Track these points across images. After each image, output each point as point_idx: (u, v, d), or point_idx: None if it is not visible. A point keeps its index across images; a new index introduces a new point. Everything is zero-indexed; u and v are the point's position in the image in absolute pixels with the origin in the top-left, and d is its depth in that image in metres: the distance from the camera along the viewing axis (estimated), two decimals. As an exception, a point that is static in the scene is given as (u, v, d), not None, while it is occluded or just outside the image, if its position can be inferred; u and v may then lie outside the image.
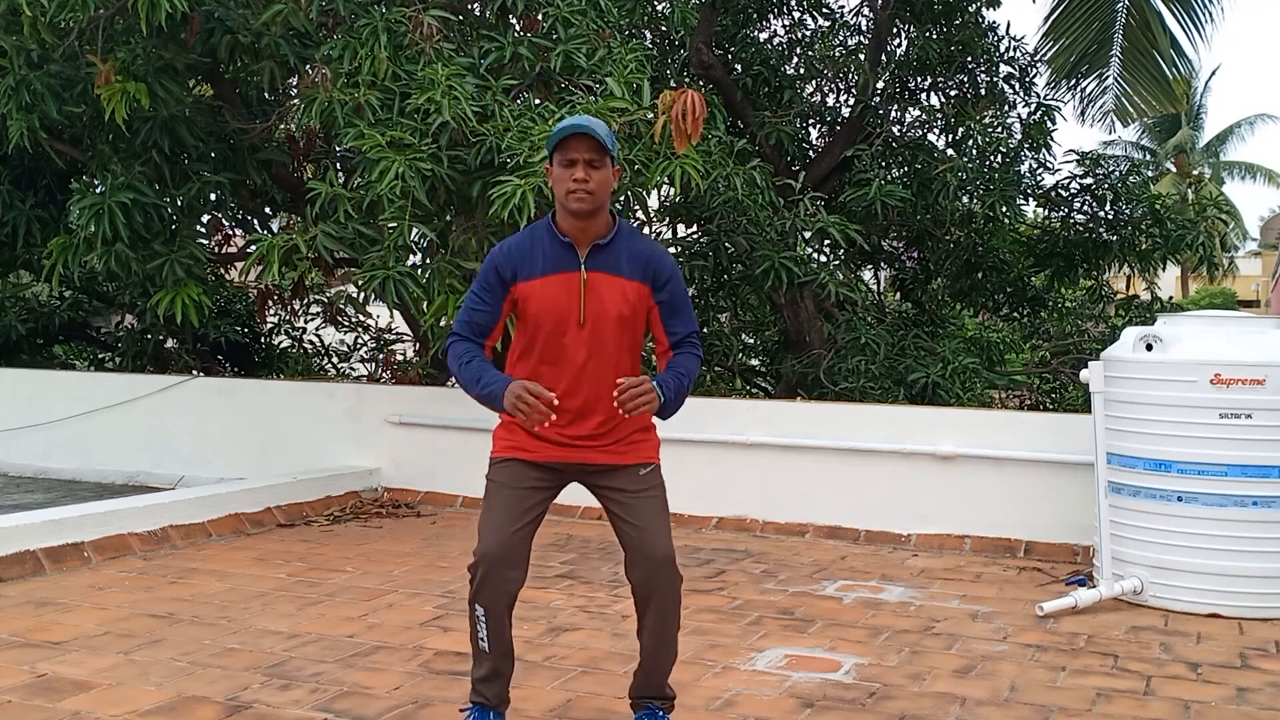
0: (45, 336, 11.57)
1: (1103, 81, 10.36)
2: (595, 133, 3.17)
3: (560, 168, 3.21)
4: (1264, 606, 5.05)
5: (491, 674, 3.40)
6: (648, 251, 3.34)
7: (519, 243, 3.34)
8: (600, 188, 3.20)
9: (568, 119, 3.25)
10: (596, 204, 3.22)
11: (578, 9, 6.68)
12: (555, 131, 3.22)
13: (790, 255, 8.11)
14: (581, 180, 3.17)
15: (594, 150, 3.18)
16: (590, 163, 3.18)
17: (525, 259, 3.29)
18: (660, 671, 3.46)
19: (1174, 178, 36.91)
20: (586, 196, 3.19)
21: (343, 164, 8.08)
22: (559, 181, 3.22)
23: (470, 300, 3.35)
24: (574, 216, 3.24)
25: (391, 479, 7.89)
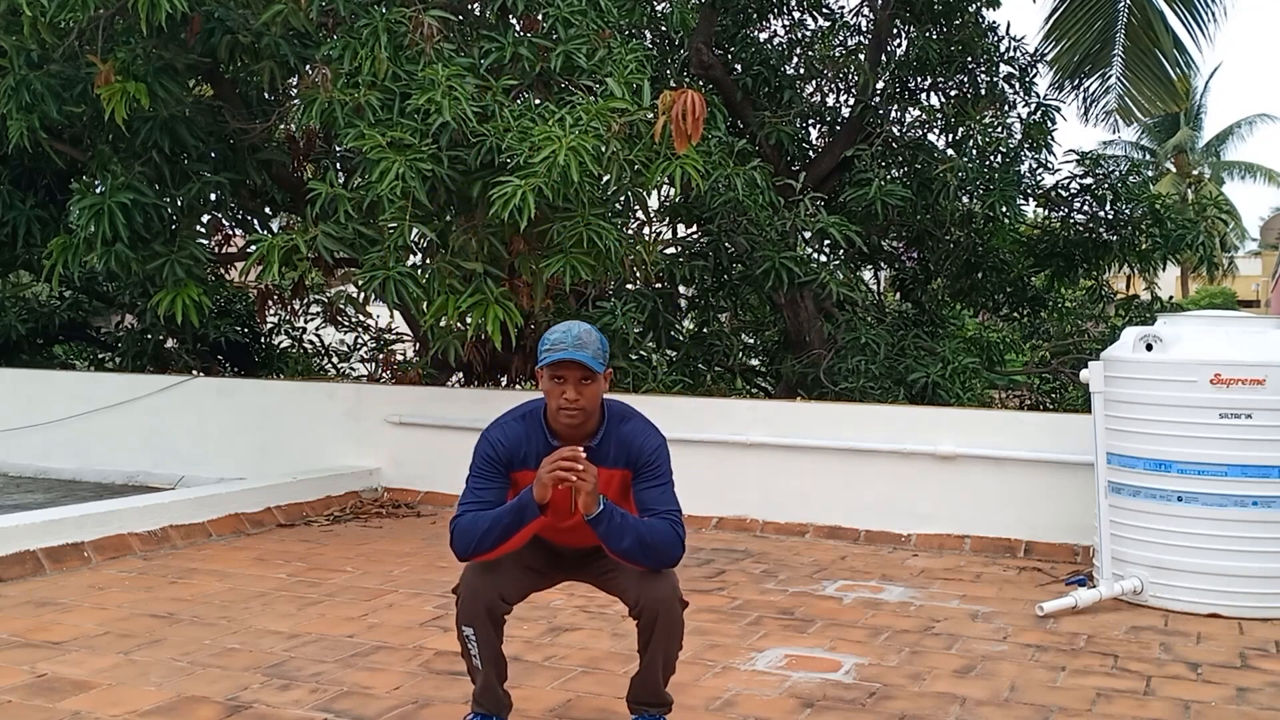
0: (45, 336, 11.57)
1: (1105, 81, 10.36)
2: (585, 362, 3.19)
3: (550, 382, 3.25)
4: (1264, 606, 5.05)
5: (487, 686, 3.43)
6: (629, 437, 3.35)
7: (513, 433, 3.36)
8: (590, 402, 3.26)
9: (558, 338, 3.23)
10: (586, 418, 3.27)
11: (578, 9, 6.68)
12: (545, 351, 3.23)
13: (790, 255, 8.11)
14: (572, 400, 3.23)
15: (584, 370, 3.22)
16: (582, 380, 3.22)
17: (519, 451, 3.34)
18: (656, 681, 3.46)
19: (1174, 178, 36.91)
20: (577, 414, 3.25)
21: (343, 164, 8.09)
22: (550, 394, 3.27)
23: (472, 485, 3.35)
24: (564, 428, 3.29)
25: (391, 479, 7.89)
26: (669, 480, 3.36)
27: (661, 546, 3.23)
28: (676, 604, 3.32)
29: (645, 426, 3.41)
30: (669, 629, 3.33)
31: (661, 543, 3.22)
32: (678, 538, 3.26)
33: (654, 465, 3.34)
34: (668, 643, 3.36)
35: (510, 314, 6.44)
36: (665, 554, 3.24)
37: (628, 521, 3.21)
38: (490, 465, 3.34)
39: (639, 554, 3.21)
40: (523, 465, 3.33)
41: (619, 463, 3.34)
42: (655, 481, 3.33)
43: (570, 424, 3.26)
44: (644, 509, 3.30)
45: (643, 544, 3.20)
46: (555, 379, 3.24)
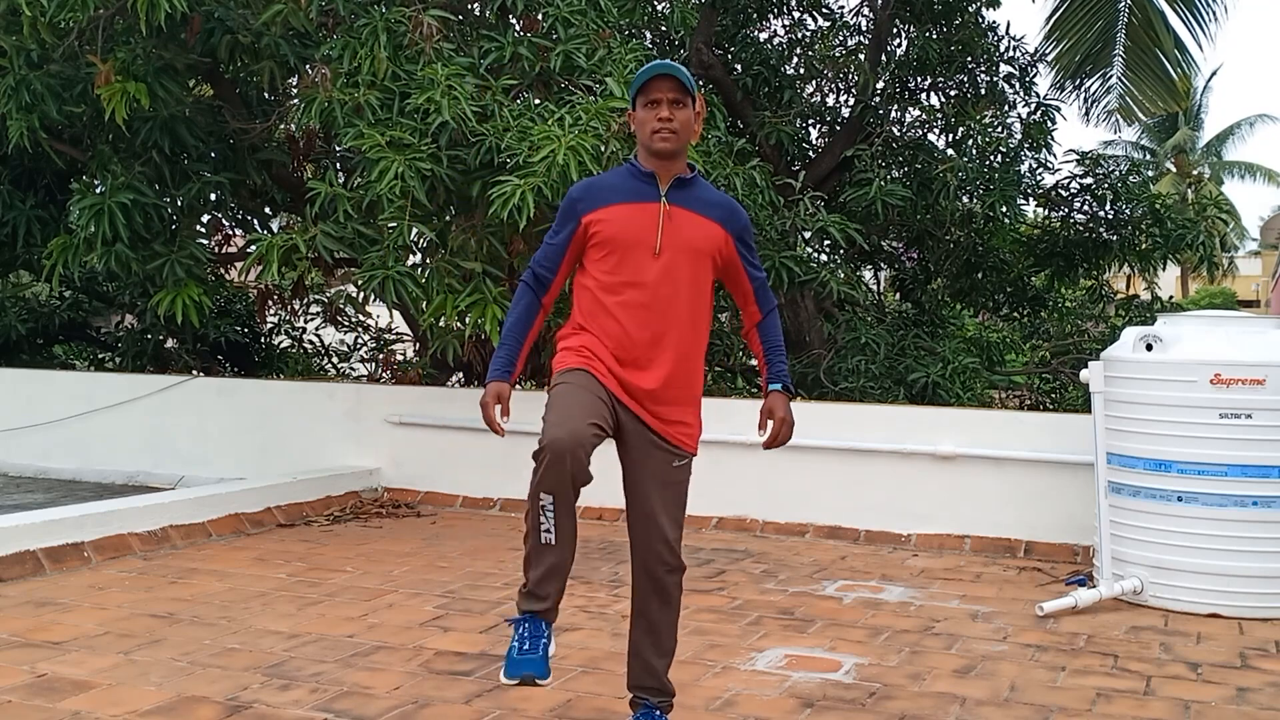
0: (45, 336, 11.56)
1: (1106, 81, 10.36)
2: (679, 73, 3.22)
3: (644, 109, 3.24)
4: (1264, 606, 5.05)
5: (551, 571, 3.12)
6: (727, 200, 3.39)
7: (599, 177, 3.44)
8: (684, 127, 3.23)
9: (651, 65, 3.26)
10: (680, 143, 3.25)
11: (578, 9, 6.68)
12: (639, 75, 3.25)
13: (791, 255, 8.11)
14: (666, 119, 3.21)
15: (678, 90, 3.22)
16: (674, 102, 3.22)
17: (603, 190, 3.31)
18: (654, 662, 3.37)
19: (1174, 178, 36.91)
20: (671, 135, 3.22)
21: (342, 164, 8.08)
22: (643, 123, 3.25)
23: (549, 233, 3.36)
24: (657, 157, 3.26)
25: (391, 479, 7.88)
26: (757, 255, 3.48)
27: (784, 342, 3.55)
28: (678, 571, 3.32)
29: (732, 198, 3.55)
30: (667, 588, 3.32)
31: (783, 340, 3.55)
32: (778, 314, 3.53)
33: (750, 238, 3.41)
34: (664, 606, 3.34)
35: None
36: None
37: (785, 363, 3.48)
38: (561, 216, 3.32)
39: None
40: (604, 203, 3.26)
41: (716, 215, 3.31)
42: (756, 260, 3.43)
43: (665, 148, 3.21)
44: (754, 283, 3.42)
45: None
46: (649, 104, 3.22)
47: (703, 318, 3.34)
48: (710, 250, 3.30)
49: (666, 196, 3.25)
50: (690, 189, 3.30)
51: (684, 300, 3.26)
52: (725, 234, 3.32)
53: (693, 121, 3.27)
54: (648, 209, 3.24)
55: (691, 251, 3.26)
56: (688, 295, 3.26)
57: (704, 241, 3.28)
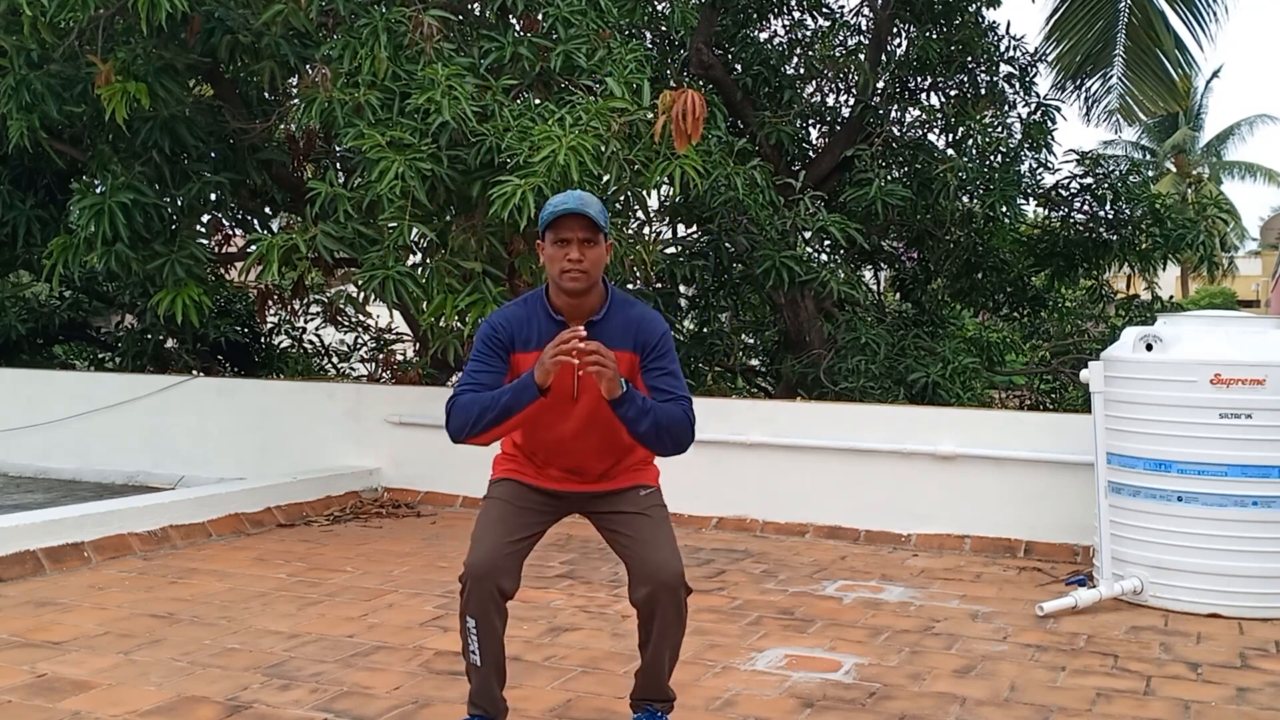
0: (45, 336, 11.57)
1: (1106, 81, 10.36)
2: (589, 212, 3.16)
3: (553, 246, 3.20)
4: (1264, 606, 5.05)
5: (484, 686, 3.35)
6: (637, 319, 3.31)
7: (515, 313, 3.34)
8: (594, 266, 3.21)
9: (559, 197, 3.21)
10: (590, 282, 3.22)
11: (578, 9, 6.68)
12: (547, 211, 3.20)
13: (791, 254, 8.12)
14: (576, 260, 3.17)
15: (588, 229, 3.18)
16: (584, 241, 3.18)
17: (522, 330, 3.29)
18: (661, 677, 3.45)
19: (1174, 178, 36.90)
20: (580, 276, 3.19)
21: (343, 164, 8.08)
22: (552, 260, 3.21)
23: (470, 368, 3.30)
24: (568, 295, 3.24)
25: (391, 479, 7.88)
26: (678, 367, 3.35)
27: (676, 431, 3.23)
28: (682, 591, 3.30)
29: (652, 312, 3.39)
30: (671, 621, 3.30)
31: (677, 428, 3.23)
32: (689, 424, 3.27)
33: (664, 351, 3.30)
34: (672, 634, 3.34)
35: (510, 314, 6.42)
36: (680, 439, 3.24)
37: (647, 404, 3.19)
38: (489, 346, 3.28)
39: (655, 438, 3.20)
40: (525, 346, 3.26)
41: (625, 344, 3.26)
42: (666, 369, 3.29)
43: (574, 288, 3.20)
44: (656, 394, 3.26)
45: (659, 427, 3.18)
46: (558, 242, 3.19)
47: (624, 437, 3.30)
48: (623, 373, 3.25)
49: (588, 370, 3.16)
50: (603, 324, 3.25)
51: (603, 433, 3.31)
52: (633, 357, 3.29)
53: (604, 258, 3.24)
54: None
55: None
56: (607, 428, 3.28)
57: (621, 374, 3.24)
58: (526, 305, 3.34)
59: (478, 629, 3.26)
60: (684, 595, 3.32)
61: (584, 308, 3.27)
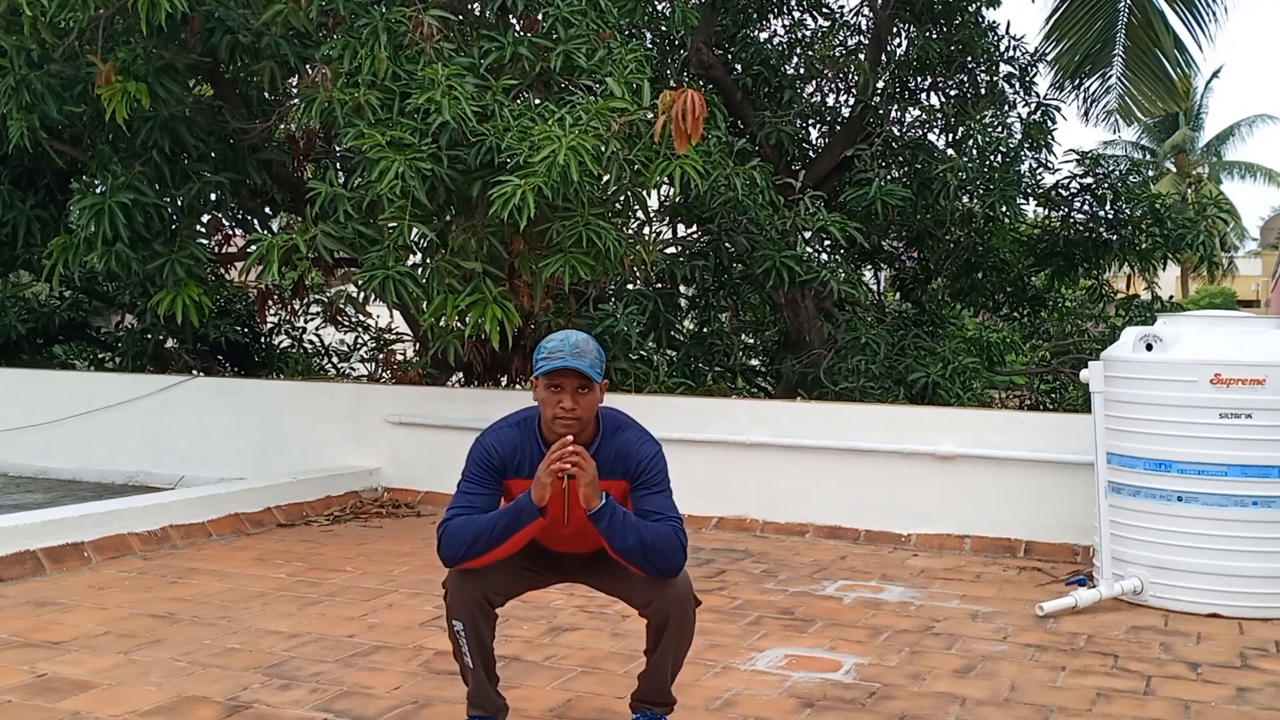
0: (45, 336, 11.56)
1: (1106, 81, 10.36)
2: (583, 370, 3.16)
3: (546, 390, 3.21)
4: (1264, 606, 5.05)
5: (480, 686, 3.38)
6: (627, 446, 3.31)
7: (509, 438, 3.33)
8: (587, 412, 3.22)
9: (555, 346, 3.19)
10: (582, 428, 3.23)
11: (578, 9, 6.68)
12: (541, 358, 3.20)
13: (791, 254, 8.11)
14: (569, 409, 3.19)
15: (582, 379, 3.19)
16: (578, 389, 3.19)
17: (514, 456, 3.30)
18: (665, 682, 3.44)
19: (1174, 178, 36.90)
20: (573, 423, 3.20)
21: (343, 164, 8.08)
22: (545, 403, 3.23)
23: (464, 489, 3.30)
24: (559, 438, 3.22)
25: (391, 479, 7.88)
26: (668, 488, 3.32)
27: (664, 551, 3.17)
28: (690, 603, 3.31)
29: (641, 435, 3.37)
30: (681, 629, 3.32)
31: (664, 547, 3.17)
32: (680, 544, 3.21)
33: (652, 473, 3.29)
34: (679, 642, 3.35)
35: (509, 314, 6.43)
36: (668, 559, 3.19)
37: (630, 519, 3.17)
38: (483, 470, 3.30)
39: (640, 556, 3.16)
40: (516, 473, 3.29)
41: (615, 473, 3.28)
42: (654, 489, 3.29)
43: (565, 433, 3.20)
44: (646, 516, 3.24)
45: (644, 545, 3.15)
46: (552, 388, 3.20)
47: None
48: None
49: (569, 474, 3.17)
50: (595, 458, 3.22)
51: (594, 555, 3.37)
52: (623, 485, 3.31)
53: (597, 402, 3.25)
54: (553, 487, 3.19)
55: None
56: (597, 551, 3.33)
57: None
58: (520, 431, 3.34)
59: (465, 632, 3.28)
60: (693, 607, 3.33)
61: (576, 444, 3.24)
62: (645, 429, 3.42)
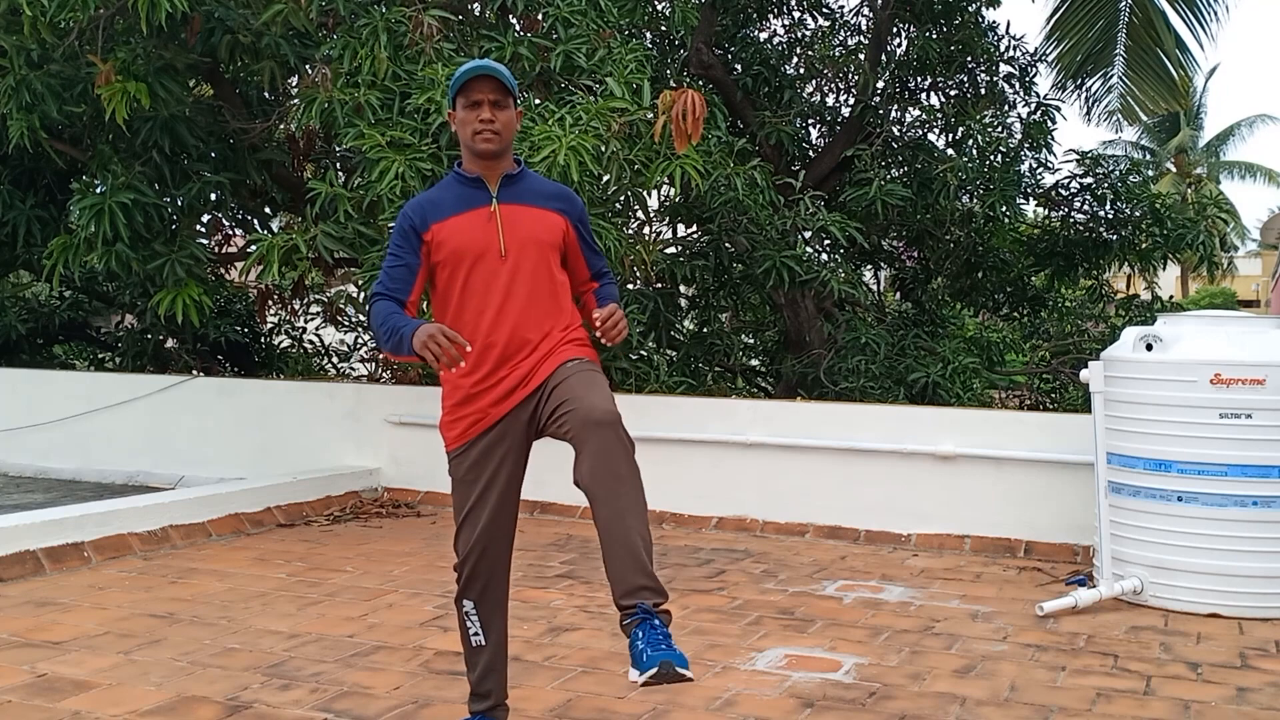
0: (45, 336, 11.58)
1: (1107, 81, 10.36)
2: (499, 73, 3.19)
3: (464, 110, 3.20)
4: (1264, 606, 5.04)
5: (487, 669, 3.34)
6: (556, 187, 3.39)
7: (426, 194, 3.34)
8: (505, 127, 3.21)
9: (469, 63, 3.20)
10: (503, 144, 3.22)
11: (578, 9, 6.68)
12: (457, 75, 3.20)
13: (791, 254, 8.11)
14: (488, 120, 3.17)
15: (498, 91, 3.18)
16: (495, 103, 3.18)
17: (434, 205, 3.25)
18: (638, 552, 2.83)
19: (1174, 177, 36.90)
20: (493, 136, 3.18)
21: (343, 164, 8.09)
22: (464, 124, 3.20)
23: (386, 260, 3.29)
24: (480, 158, 3.22)
25: (391, 479, 7.89)
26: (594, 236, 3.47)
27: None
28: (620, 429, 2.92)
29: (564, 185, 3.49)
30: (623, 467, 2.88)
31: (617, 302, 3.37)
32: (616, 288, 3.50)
33: (586, 221, 3.41)
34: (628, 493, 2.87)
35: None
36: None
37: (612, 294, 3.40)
38: (400, 235, 3.25)
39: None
40: (439, 216, 3.21)
41: (550, 205, 3.28)
42: (591, 239, 3.41)
43: (487, 149, 3.18)
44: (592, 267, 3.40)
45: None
46: (469, 105, 3.17)
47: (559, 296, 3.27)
48: (554, 241, 3.28)
49: (498, 196, 3.22)
50: (521, 182, 3.27)
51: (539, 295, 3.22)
52: (565, 222, 3.31)
53: (514, 121, 3.25)
54: (481, 214, 3.21)
55: (536, 244, 3.23)
56: (542, 288, 3.23)
57: (546, 233, 3.25)
58: (439, 185, 3.35)
59: (477, 609, 3.27)
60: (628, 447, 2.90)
61: (498, 169, 3.25)
62: None
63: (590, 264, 3.40)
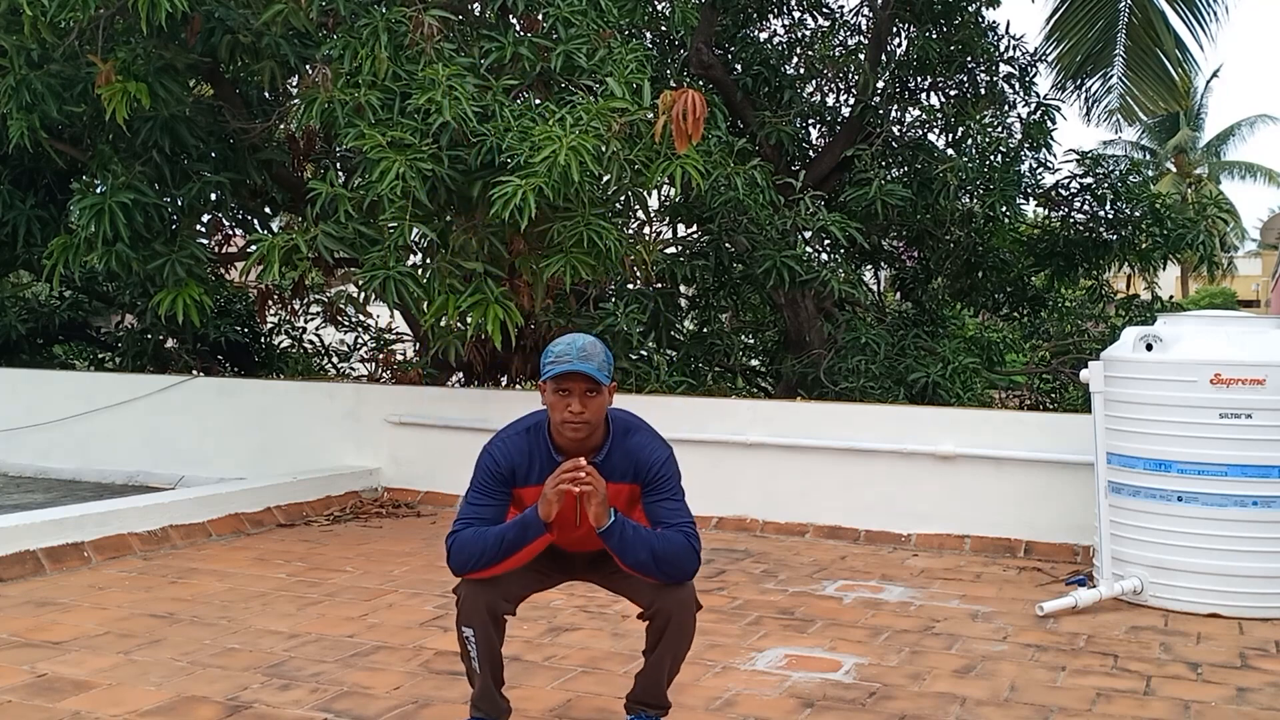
0: (45, 336, 11.57)
1: (1107, 81, 10.36)
2: (591, 374, 3.12)
3: (554, 395, 3.17)
4: (1264, 606, 5.05)
5: (485, 691, 3.38)
6: (636, 450, 3.29)
7: (517, 446, 3.29)
8: (595, 416, 3.18)
9: (563, 350, 3.15)
10: (591, 431, 3.20)
11: (578, 9, 6.68)
12: (548, 361, 3.16)
13: (791, 254, 8.11)
14: (577, 413, 3.15)
15: (590, 382, 3.14)
16: (588, 391, 3.15)
17: (523, 464, 3.26)
18: (661, 684, 3.44)
19: (1174, 178, 36.90)
20: (582, 427, 3.17)
21: (343, 164, 8.09)
22: (554, 408, 3.18)
23: (471, 499, 3.28)
24: (567, 444, 3.22)
25: (391, 479, 7.88)
26: (680, 492, 3.30)
27: (676, 559, 3.18)
28: (693, 606, 3.31)
29: (652, 438, 3.34)
30: (681, 632, 3.32)
31: (677, 555, 3.18)
32: (693, 550, 3.22)
33: (664, 478, 3.27)
34: (678, 646, 3.34)
35: (510, 314, 6.44)
36: (680, 567, 3.20)
37: (640, 534, 3.16)
38: (492, 479, 3.27)
39: (653, 567, 3.16)
40: (525, 481, 3.26)
41: (626, 477, 3.26)
42: (666, 494, 3.27)
43: (575, 438, 3.19)
44: (656, 523, 3.24)
45: (656, 557, 3.15)
46: (560, 392, 3.16)
47: None
48: (626, 506, 3.28)
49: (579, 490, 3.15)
50: (602, 465, 3.22)
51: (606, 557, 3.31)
52: (633, 488, 3.29)
53: (607, 403, 3.21)
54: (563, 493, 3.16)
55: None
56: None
57: (622, 506, 3.26)
58: (529, 438, 3.29)
59: (475, 638, 3.28)
60: (694, 611, 3.33)
61: (585, 447, 3.24)
62: (656, 431, 3.38)
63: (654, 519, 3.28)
